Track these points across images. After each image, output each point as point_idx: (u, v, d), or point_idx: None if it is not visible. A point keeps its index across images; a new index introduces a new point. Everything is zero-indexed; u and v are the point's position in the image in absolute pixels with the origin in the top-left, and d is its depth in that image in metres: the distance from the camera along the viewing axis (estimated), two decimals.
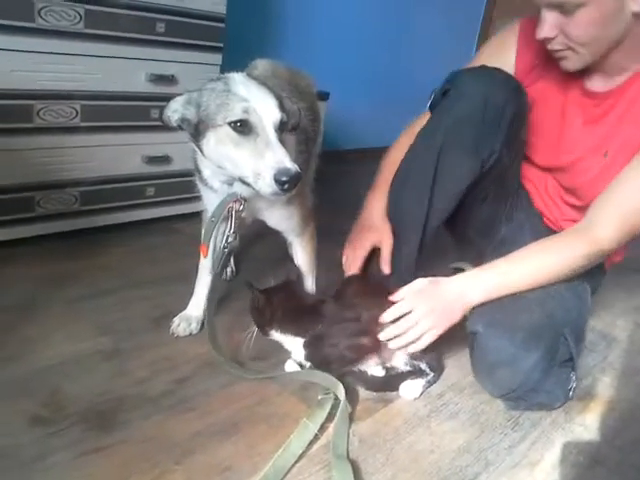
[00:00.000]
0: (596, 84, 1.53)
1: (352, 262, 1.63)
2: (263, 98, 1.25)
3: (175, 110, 1.29)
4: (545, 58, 1.58)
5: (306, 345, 1.45)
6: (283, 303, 1.47)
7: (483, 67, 1.54)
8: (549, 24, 1.37)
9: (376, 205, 1.67)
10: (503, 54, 1.68)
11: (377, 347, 1.45)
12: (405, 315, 1.40)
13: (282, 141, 1.24)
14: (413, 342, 1.40)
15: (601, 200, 1.45)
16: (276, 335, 1.47)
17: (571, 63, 1.45)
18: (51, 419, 1.23)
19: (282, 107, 1.27)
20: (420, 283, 1.44)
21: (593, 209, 1.46)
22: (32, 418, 1.22)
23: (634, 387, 1.70)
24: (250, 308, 1.48)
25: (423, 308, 1.39)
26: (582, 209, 1.56)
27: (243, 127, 1.22)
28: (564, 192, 1.68)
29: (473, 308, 1.47)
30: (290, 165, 1.18)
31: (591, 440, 1.44)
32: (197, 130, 1.28)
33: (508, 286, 1.45)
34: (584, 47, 1.38)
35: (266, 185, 1.20)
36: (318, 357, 1.45)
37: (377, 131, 1.84)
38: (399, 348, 1.43)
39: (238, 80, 1.28)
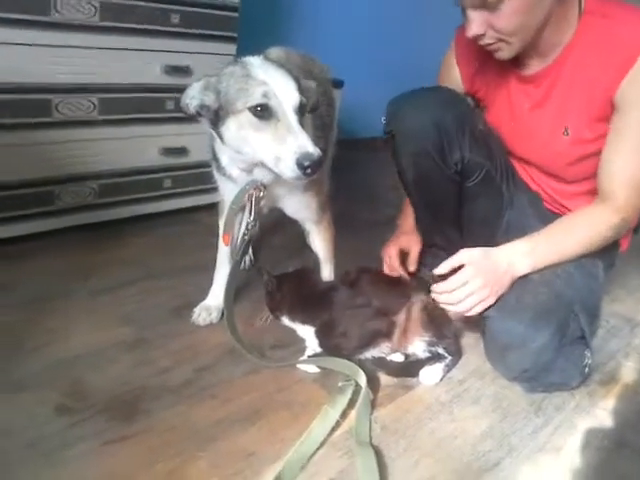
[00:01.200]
0: (532, 67, 1.57)
1: (391, 261, 1.78)
2: (282, 81, 1.23)
3: (193, 97, 1.28)
4: (482, 58, 1.64)
5: (317, 333, 1.46)
6: (293, 290, 1.48)
7: (412, 99, 1.59)
8: (476, 22, 1.39)
9: (406, 222, 1.86)
10: (450, 73, 1.77)
11: (390, 333, 1.46)
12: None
13: (302, 124, 1.23)
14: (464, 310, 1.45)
15: (604, 174, 1.48)
16: (286, 321, 1.48)
17: (505, 53, 1.48)
18: (75, 409, 1.24)
19: (301, 89, 1.26)
20: (471, 254, 1.46)
21: (601, 183, 1.49)
22: (56, 408, 1.24)
23: None
24: (265, 292, 1.50)
25: (478, 282, 1.41)
26: (575, 183, 1.61)
27: (263, 112, 1.21)
28: (549, 176, 1.69)
29: None
30: (312, 149, 1.17)
31: (615, 424, 1.43)
32: (217, 116, 1.27)
33: (550, 258, 1.49)
34: (514, 36, 1.41)
35: (288, 169, 1.19)
36: (329, 345, 1.46)
37: None
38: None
39: (256, 64, 1.26)
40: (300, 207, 1.56)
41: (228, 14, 2.22)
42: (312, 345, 1.48)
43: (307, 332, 1.47)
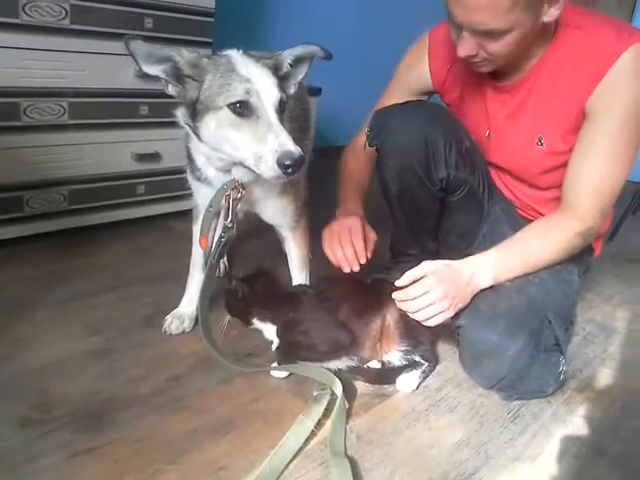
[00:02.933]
0: (507, 78, 1.57)
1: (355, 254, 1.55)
2: (263, 77, 1.21)
3: (168, 58, 1.22)
4: (456, 62, 1.64)
5: (278, 331, 1.43)
6: (265, 289, 1.46)
7: (401, 114, 1.57)
8: (471, 44, 1.39)
9: (349, 214, 1.65)
10: (417, 69, 1.76)
11: (353, 345, 1.43)
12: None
13: (282, 122, 1.20)
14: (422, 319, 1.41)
15: (569, 183, 1.50)
16: (257, 323, 1.46)
17: (486, 68, 1.50)
18: (40, 420, 1.20)
19: (280, 85, 1.24)
20: (434, 265, 1.42)
21: (567, 193, 1.50)
22: (21, 420, 1.20)
23: (635, 378, 1.68)
24: (227, 300, 1.47)
25: (438, 292, 1.38)
26: (549, 189, 1.63)
27: (243, 108, 1.18)
28: (523, 183, 1.70)
29: None
30: (293, 148, 1.15)
31: (593, 432, 1.42)
32: (194, 110, 1.24)
33: (514, 269, 1.48)
34: (502, 58, 1.43)
35: (269, 169, 1.16)
36: (288, 343, 1.43)
37: None
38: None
39: (239, 58, 1.23)
40: (277, 212, 1.54)
41: (203, 19, 2.20)
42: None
43: (274, 332, 1.45)
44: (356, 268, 1.54)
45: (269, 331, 1.46)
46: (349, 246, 1.55)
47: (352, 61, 3.71)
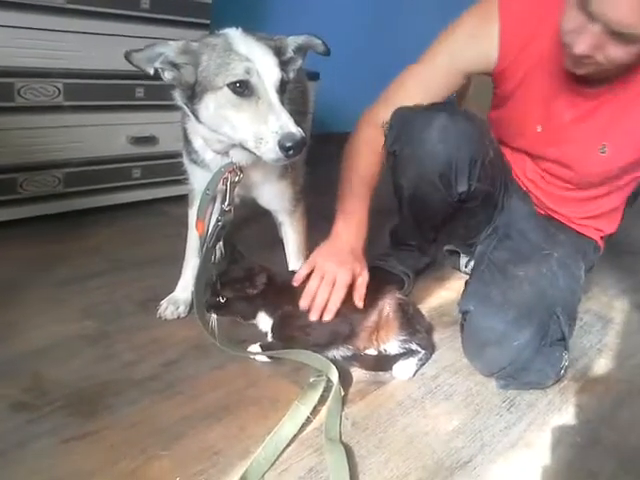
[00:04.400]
0: (591, 84, 1.44)
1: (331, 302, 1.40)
2: (263, 57, 1.18)
3: (166, 59, 1.19)
4: (528, 44, 1.47)
5: (273, 326, 1.42)
6: (268, 280, 1.43)
7: (424, 120, 1.45)
8: (594, 43, 1.22)
9: (348, 236, 1.50)
10: (479, 42, 1.52)
11: (351, 336, 1.43)
12: None
13: (283, 102, 1.18)
14: None
15: None
16: (262, 316, 1.44)
17: (583, 71, 1.35)
18: (33, 405, 1.19)
19: (281, 65, 1.21)
20: None
21: None
22: (13, 404, 1.18)
23: (630, 368, 1.68)
24: (230, 300, 1.42)
25: None
26: (572, 190, 1.61)
27: (243, 88, 1.16)
28: (552, 176, 1.66)
29: (465, 288, 1.46)
30: (295, 129, 1.12)
31: (588, 421, 1.42)
32: (192, 92, 1.21)
33: None
34: (614, 66, 1.29)
35: (269, 151, 1.14)
36: (284, 338, 1.42)
37: None
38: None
39: (237, 37, 1.20)
40: (274, 196, 1.53)
41: (200, 0, 2.16)
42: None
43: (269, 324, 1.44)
44: (314, 318, 1.38)
45: (264, 323, 1.45)
46: (325, 295, 1.39)
47: (352, 46, 3.69)
